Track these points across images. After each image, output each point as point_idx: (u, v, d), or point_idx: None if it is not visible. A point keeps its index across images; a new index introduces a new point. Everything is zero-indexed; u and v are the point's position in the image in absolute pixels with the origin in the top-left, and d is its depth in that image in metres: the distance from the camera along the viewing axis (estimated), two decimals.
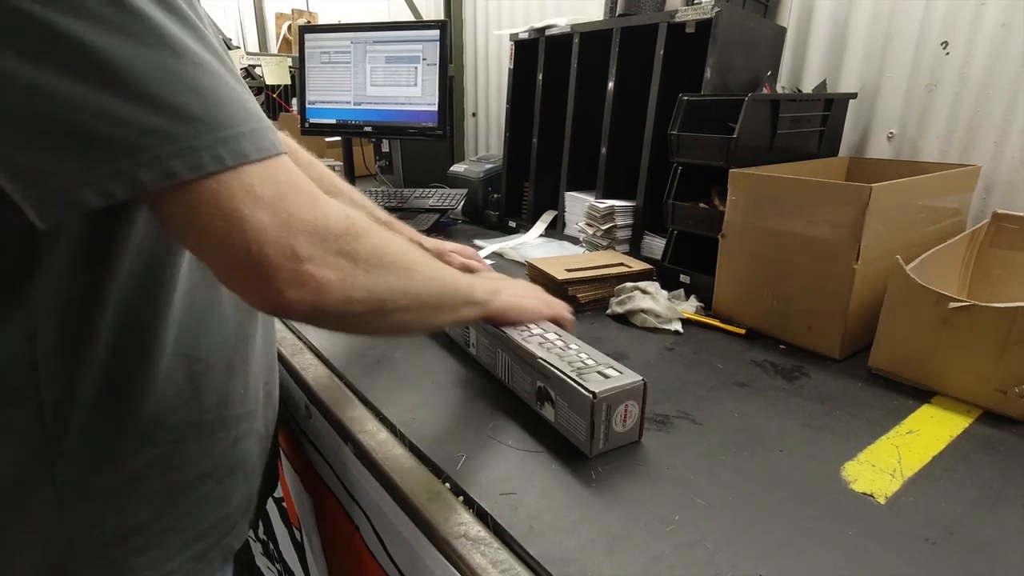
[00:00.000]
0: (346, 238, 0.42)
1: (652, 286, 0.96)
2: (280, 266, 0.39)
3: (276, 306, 0.40)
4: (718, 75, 1.03)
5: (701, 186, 1.06)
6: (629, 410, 0.56)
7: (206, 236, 0.38)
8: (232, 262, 0.39)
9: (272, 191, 0.39)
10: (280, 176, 0.40)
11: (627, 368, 0.58)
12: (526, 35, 1.43)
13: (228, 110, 0.38)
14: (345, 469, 0.63)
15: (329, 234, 0.41)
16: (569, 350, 0.62)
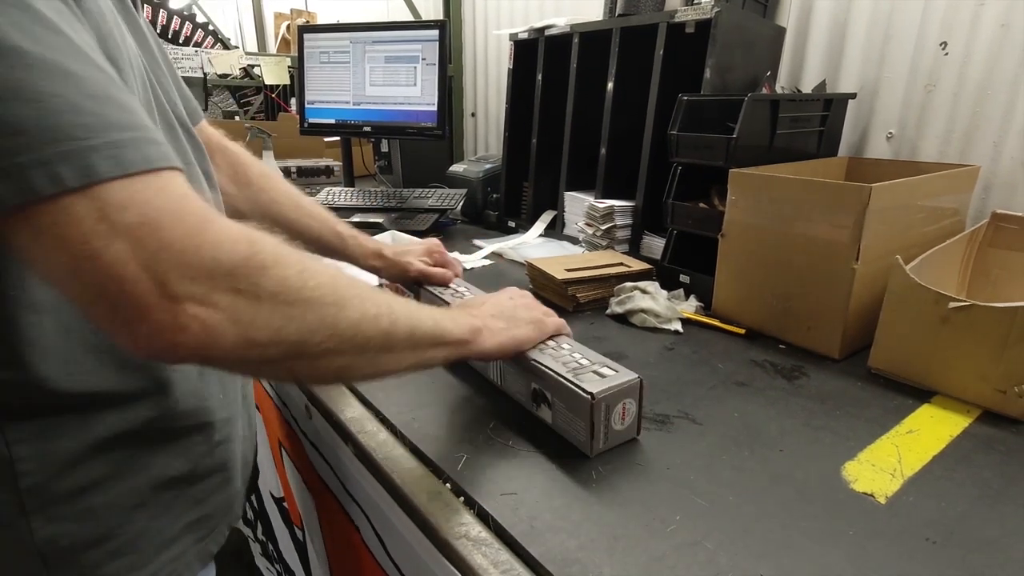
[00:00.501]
0: (243, 270, 0.35)
1: (652, 286, 0.96)
2: (150, 306, 0.33)
3: (154, 352, 0.35)
4: (718, 75, 1.03)
5: (700, 186, 1.06)
6: (627, 408, 0.56)
7: (51, 271, 0.33)
8: (88, 301, 0.33)
9: (136, 217, 0.33)
10: (151, 197, 0.34)
11: (622, 366, 0.58)
12: (526, 35, 1.43)
13: (74, 119, 0.32)
14: (345, 469, 0.63)
15: (219, 267, 0.34)
16: (562, 349, 0.62)
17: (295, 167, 1.98)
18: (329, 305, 0.39)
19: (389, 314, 0.44)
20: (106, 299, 0.33)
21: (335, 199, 1.58)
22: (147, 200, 0.33)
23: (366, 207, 1.52)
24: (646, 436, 0.61)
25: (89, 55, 0.35)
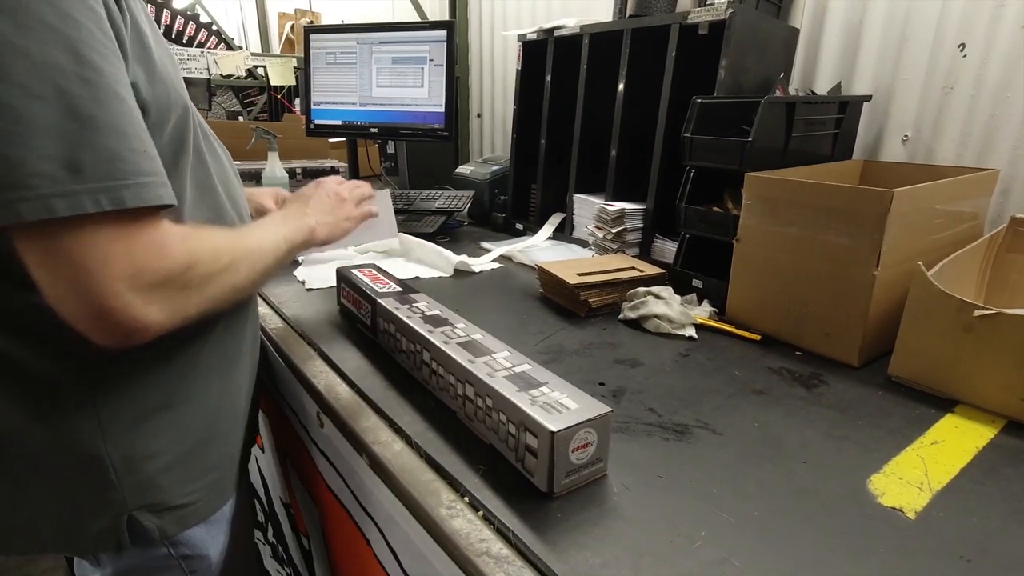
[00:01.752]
0: (184, 273, 0.49)
1: (665, 291, 0.95)
2: (123, 315, 0.45)
3: (117, 345, 0.47)
4: (731, 77, 1.01)
5: (713, 189, 1.05)
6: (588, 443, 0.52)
7: (54, 276, 0.43)
8: (76, 305, 0.44)
9: (117, 247, 0.44)
10: (125, 231, 0.44)
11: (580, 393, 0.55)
12: (534, 36, 1.42)
13: (83, 167, 0.42)
14: (358, 480, 0.62)
15: (170, 277, 0.48)
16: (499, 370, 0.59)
17: (300, 168, 1.97)
18: (231, 271, 0.56)
19: (263, 251, 0.62)
20: (89, 308, 0.44)
21: None
22: (129, 232, 0.45)
23: None
24: (666, 446, 0.59)
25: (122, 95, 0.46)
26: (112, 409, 0.57)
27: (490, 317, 0.94)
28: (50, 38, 0.40)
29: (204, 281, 0.52)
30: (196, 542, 0.65)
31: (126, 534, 0.59)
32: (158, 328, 0.48)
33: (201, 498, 0.64)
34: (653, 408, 0.67)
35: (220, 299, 0.55)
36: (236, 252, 0.57)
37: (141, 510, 0.59)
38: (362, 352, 0.79)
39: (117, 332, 0.46)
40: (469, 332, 0.68)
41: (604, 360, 0.80)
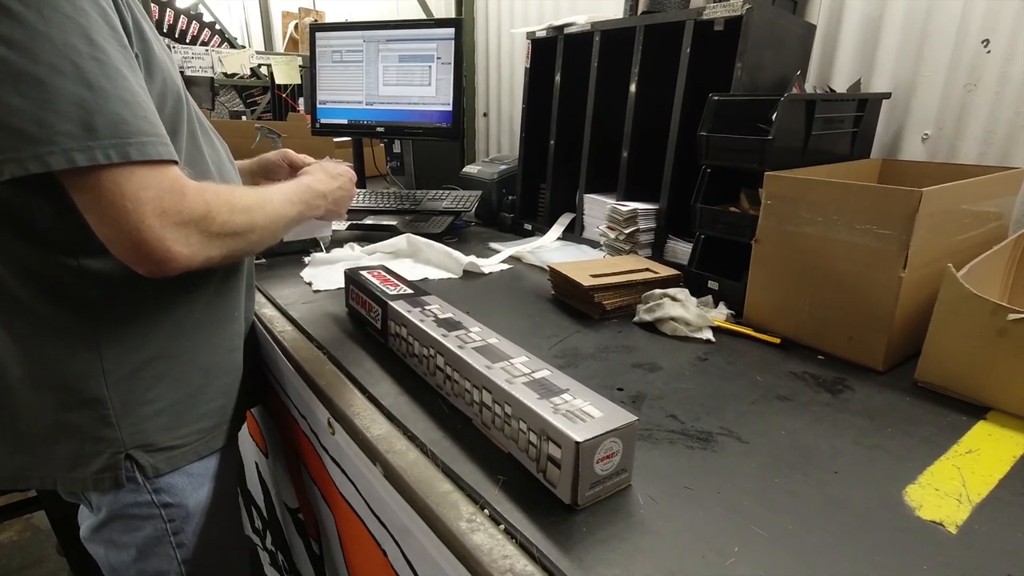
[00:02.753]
0: (204, 219, 0.58)
1: (682, 293, 0.93)
2: (154, 246, 0.55)
3: (153, 272, 0.57)
4: (748, 75, 0.99)
5: (729, 189, 1.03)
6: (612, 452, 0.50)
7: (101, 218, 0.54)
8: (121, 240, 0.54)
9: (148, 193, 0.54)
10: (155, 178, 0.55)
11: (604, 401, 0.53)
12: (544, 33, 1.39)
13: (126, 124, 0.53)
14: (372, 490, 0.60)
15: (192, 220, 0.57)
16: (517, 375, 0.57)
17: None
18: (247, 230, 0.65)
19: (276, 214, 0.72)
20: (131, 240, 0.54)
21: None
22: (154, 181, 0.55)
23: (379, 209, 1.48)
24: (691, 455, 0.57)
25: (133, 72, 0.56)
26: (114, 356, 0.65)
27: (502, 319, 0.92)
28: (68, 26, 0.50)
29: (225, 230, 0.61)
30: (176, 490, 0.72)
31: (123, 472, 0.67)
32: (186, 260, 0.57)
33: (190, 442, 0.72)
34: (675, 415, 0.65)
35: (238, 250, 0.65)
36: (259, 210, 0.68)
37: (137, 449, 0.67)
38: (372, 356, 0.77)
39: (152, 261, 0.55)
40: (484, 336, 0.66)
41: (621, 364, 0.78)
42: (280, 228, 0.73)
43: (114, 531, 0.71)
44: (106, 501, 0.69)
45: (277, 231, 0.73)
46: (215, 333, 0.75)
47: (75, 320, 0.63)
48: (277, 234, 0.73)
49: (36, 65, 0.49)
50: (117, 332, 0.65)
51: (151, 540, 0.71)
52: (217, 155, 0.76)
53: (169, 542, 0.73)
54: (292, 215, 0.76)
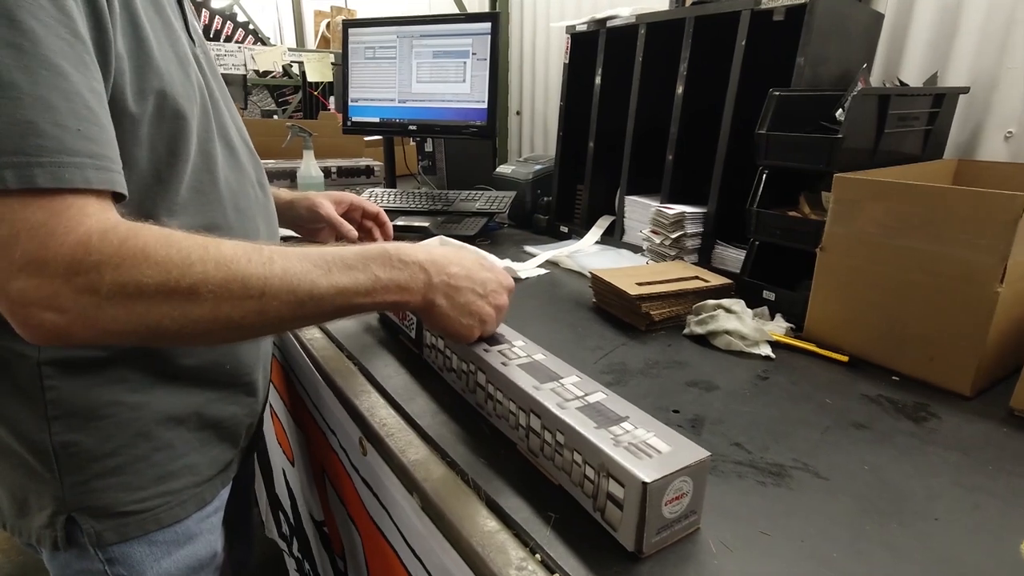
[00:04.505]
0: (91, 274, 0.40)
1: (737, 304, 0.86)
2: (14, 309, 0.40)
3: (35, 340, 0.42)
4: (811, 68, 0.91)
5: (786, 192, 0.95)
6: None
7: None
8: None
9: (11, 229, 0.38)
10: (22, 214, 0.39)
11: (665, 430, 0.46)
12: (584, 27, 1.33)
13: (9, 141, 0.37)
14: (407, 520, 0.55)
15: (67, 271, 0.40)
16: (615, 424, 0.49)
17: (335, 167, 1.92)
18: (188, 299, 0.43)
19: (293, 279, 0.46)
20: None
21: (377, 201, 1.51)
22: (19, 215, 0.39)
23: (410, 210, 1.44)
24: (764, 492, 0.51)
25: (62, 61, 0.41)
26: (61, 399, 0.52)
27: (542, 330, 0.86)
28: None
29: (127, 292, 0.41)
30: (132, 560, 0.58)
31: (62, 534, 0.55)
32: (60, 331, 0.41)
33: (151, 507, 0.57)
34: (740, 443, 0.59)
35: (165, 327, 0.43)
36: (215, 273, 0.44)
37: (81, 512, 0.55)
38: (406, 368, 0.72)
39: (24, 327, 0.41)
40: (530, 351, 0.60)
41: (674, 382, 0.72)
42: (298, 297, 0.47)
43: None
44: (55, 564, 0.59)
45: (279, 318, 0.47)
46: (201, 381, 0.60)
47: (17, 350, 0.51)
48: (283, 322, 0.48)
49: None
50: (66, 373, 0.52)
51: None
52: (241, 184, 0.62)
53: None
54: (333, 284, 0.49)
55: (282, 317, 0.47)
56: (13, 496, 0.57)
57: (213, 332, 0.46)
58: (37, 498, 0.55)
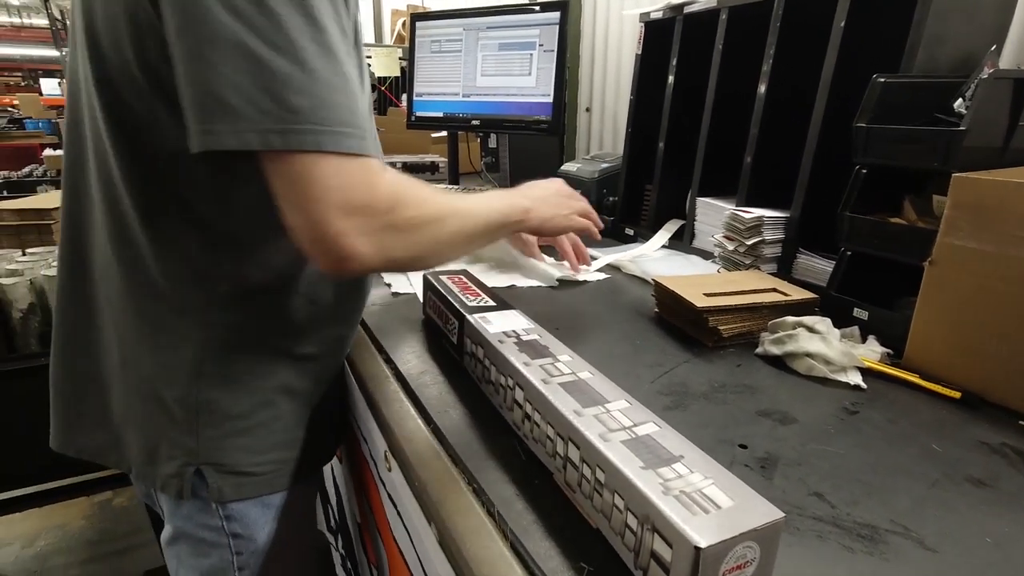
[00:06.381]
0: (390, 214, 0.53)
1: (822, 323, 0.75)
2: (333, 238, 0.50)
3: (332, 268, 0.52)
4: (926, 51, 0.78)
5: (886, 195, 0.83)
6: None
7: (290, 206, 0.50)
8: (306, 231, 0.50)
9: (337, 181, 0.49)
10: (347, 167, 0.50)
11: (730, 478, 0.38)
12: (659, 14, 1.24)
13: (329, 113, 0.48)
14: (426, 551, 0.49)
15: (378, 212, 0.52)
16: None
17: (400, 163, 1.93)
18: (434, 225, 0.58)
19: (472, 219, 0.64)
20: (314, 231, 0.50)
21: None
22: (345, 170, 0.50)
23: None
24: (851, 562, 0.41)
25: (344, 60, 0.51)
26: (214, 359, 0.61)
27: (596, 340, 0.79)
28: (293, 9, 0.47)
29: (409, 225, 0.55)
30: (248, 520, 0.66)
31: (188, 485, 0.62)
32: (366, 260, 0.52)
33: (266, 471, 0.65)
34: (821, 493, 0.49)
35: (425, 250, 0.59)
36: (444, 207, 0.60)
37: (209, 466, 0.62)
38: (445, 376, 0.67)
39: (333, 256, 0.51)
40: (575, 369, 0.54)
41: (742, 410, 0.62)
42: (475, 225, 0.65)
43: (183, 550, 0.67)
44: (178, 515, 0.65)
45: (471, 229, 0.64)
46: (313, 366, 0.69)
47: (192, 311, 0.60)
48: (471, 240, 0.65)
49: (257, 44, 0.46)
50: (224, 336, 0.61)
51: (216, 570, 0.67)
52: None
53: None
54: (487, 214, 0.67)
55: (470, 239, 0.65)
56: (147, 443, 0.63)
57: (442, 253, 0.63)
58: (170, 447, 0.62)
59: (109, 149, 0.57)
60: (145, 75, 0.52)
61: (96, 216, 0.62)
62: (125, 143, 0.56)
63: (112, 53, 0.53)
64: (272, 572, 0.69)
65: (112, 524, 1.96)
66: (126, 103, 0.54)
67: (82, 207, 0.63)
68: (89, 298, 0.64)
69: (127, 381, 0.63)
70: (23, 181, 2.66)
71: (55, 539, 1.89)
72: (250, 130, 0.46)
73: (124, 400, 0.64)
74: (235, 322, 0.62)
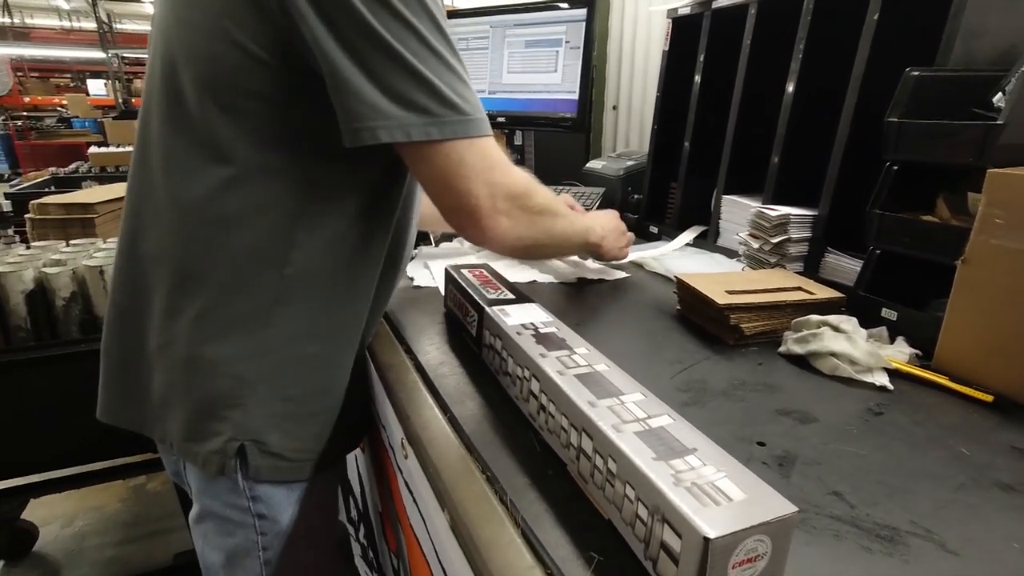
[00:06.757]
0: (525, 196, 0.64)
1: (848, 322, 0.73)
2: (485, 213, 0.61)
3: (479, 239, 0.64)
4: (964, 43, 0.76)
5: (921, 193, 0.80)
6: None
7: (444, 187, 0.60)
8: (459, 208, 0.61)
9: (484, 163, 0.59)
10: (488, 151, 0.60)
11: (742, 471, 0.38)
12: (687, 10, 1.22)
13: (467, 104, 0.57)
14: (439, 538, 0.50)
15: (515, 194, 0.63)
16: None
17: None
18: (552, 217, 0.71)
19: (572, 225, 0.79)
20: (464, 207, 0.61)
21: None
22: (487, 153, 0.60)
23: None
24: (869, 562, 0.41)
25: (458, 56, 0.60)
26: (274, 339, 0.63)
27: (616, 336, 0.79)
28: (423, 14, 0.55)
29: (537, 211, 0.66)
30: (274, 502, 0.68)
31: (232, 462, 0.64)
32: (504, 234, 0.62)
33: (300, 458, 0.68)
34: (840, 492, 0.48)
35: (539, 238, 0.69)
36: (558, 204, 0.72)
37: (252, 443, 0.64)
38: (464, 367, 0.68)
39: (480, 227, 0.61)
40: (591, 361, 0.54)
41: (762, 408, 0.62)
42: (570, 235, 0.78)
43: (209, 529, 0.70)
44: (207, 493, 0.68)
45: (568, 237, 0.78)
46: (350, 355, 0.72)
47: (261, 291, 0.62)
48: (567, 240, 0.78)
49: (404, 47, 0.54)
50: (286, 316, 0.64)
51: (241, 550, 0.69)
52: (408, 206, 0.79)
53: (258, 557, 0.70)
54: (579, 229, 0.81)
55: (564, 243, 0.80)
56: (191, 417, 0.64)
57: (546, 247, 0.74)
58: (218, 423, 0.63)
59: (175, 135, 0.60)
60: (274, 58, 0.56)
61: (159, 195, 0.63)
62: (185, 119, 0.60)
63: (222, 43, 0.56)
64: (293, 555, 0.71)
65: (145, 508, 2.03)
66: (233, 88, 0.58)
67: (145, 196, 0.65)
68: (143, 275, 0.66)
69: (177, 357, 0.64)
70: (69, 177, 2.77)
71: (92, 520, 1.96)
72: (411, 124, 0.55)
73: (171, 375, 0.65)
74: (301, 304, 0.64)
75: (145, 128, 0.65)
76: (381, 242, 0.70)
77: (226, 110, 0.58)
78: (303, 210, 0.61)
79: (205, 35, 0.56)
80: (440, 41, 0.56)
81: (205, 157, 0.59)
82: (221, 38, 0.55)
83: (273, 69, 0.56)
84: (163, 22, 0.61)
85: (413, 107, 0.55)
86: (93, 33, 8.94)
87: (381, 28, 0.53)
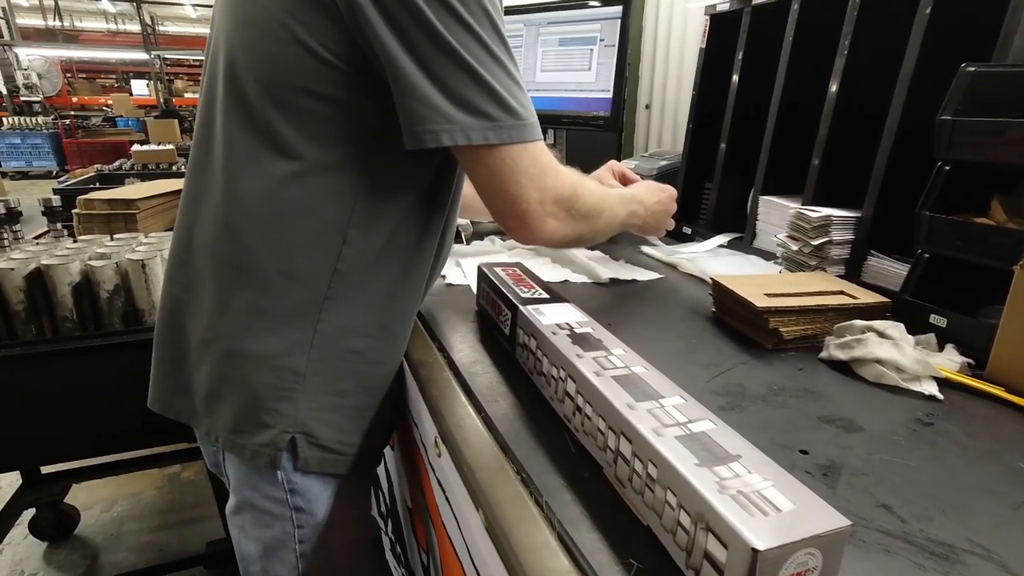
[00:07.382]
0: (571, 200, 0.66)
1: (895, 328, 0.71)
2: (535, 217, 0.63)
3: (527, 240, 0.67)
4: (1022, 38, 0.72)
5: (974, 195, 0.77)
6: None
7: (498, 190, 0.61)
8: (511, 211, 0.63)
9: (535, 168, 0.61)
10: (540, 156, 0.61)
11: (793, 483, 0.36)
12: (726, 6, 1.20)
13: (524, 110, 0.59)
14: (473, 538, 0.50)
15: (564, 198, 0.65)
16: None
17: None
18: (596, 216, 0.73)
19: (616, 214, 0.80)
20: (516, 209, 0.63)
21: None
22: (538, 157, 0.61)
23: None
24: None
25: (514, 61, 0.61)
26: (328, 334, 0.64)
27: (650, 338, 0.77)
28: (485, 20, 0.56)
29: (581, 214, 0.68)
30: (311, 495, 0.69)
31: (284, 454, 0.65)
32: (551, 234, 0.65)
33: (344, 453, 0.69)
34: (890, 506, 0.46)
35: (583, 236, 0.72)
36: (601, 202, 0.74)
37: (302, 435, 0.65)
38: (496, 366, 0.68)
39: (531, 229, 0.64)
40: (629, 363, 0.53)
41: (803, 415, 0.60)
42: (614, 224, 0.80)
43: (247, 521, 0.71)
44: (246, 485, 0.69)
45: (612, 226, 0.79)
46: (397, 351, 0.74)
47: (313, 285, 0.63)
48: (611, 229, 0.79)
49: (467, 51, 0.55)
50: (337, 311, 0.64)
51: (278, 541, 0.70)
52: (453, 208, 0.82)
53: (294, 548, 0.71)
54: (622, 216, 0.82)
55: (611, 227, 0.80)
56: (240, 411, 0.65)
57: (589, 240, 0.76)
58: (269, 415, 0.64)
59: (239, 131, 0.61)
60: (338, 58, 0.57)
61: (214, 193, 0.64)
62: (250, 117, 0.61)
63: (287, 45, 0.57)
64: (328, 548, 0.72)
65: (180, 496, 2.08)
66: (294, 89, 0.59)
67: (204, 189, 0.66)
68: (198, 268, 0.67)
69: (226, 350, 0.64)
70: (113, 174, 2.87)
71: (130, 506, 2.03)
72: (471, 128, 0.56)
73: (220, 368, 0.65)
74: (355, 299, 0.65)
75: (207, 126, 0.66)
76: (431, 239, 0.71)
77: (287, 108, 0.58)
78: (358, 207, 0.62)
79: (268, 34, 0.57)
80: (499, 45, 0.57)
81: (267, 152, 0.60)
82: (285, 38, 0.56)
83: (335, 69, 0.57)
84: (225, 22, 0.62)
85: (474, 111, 0.55)
86: (137, 36, 9.23)
87: (445, 32, 0.53)
